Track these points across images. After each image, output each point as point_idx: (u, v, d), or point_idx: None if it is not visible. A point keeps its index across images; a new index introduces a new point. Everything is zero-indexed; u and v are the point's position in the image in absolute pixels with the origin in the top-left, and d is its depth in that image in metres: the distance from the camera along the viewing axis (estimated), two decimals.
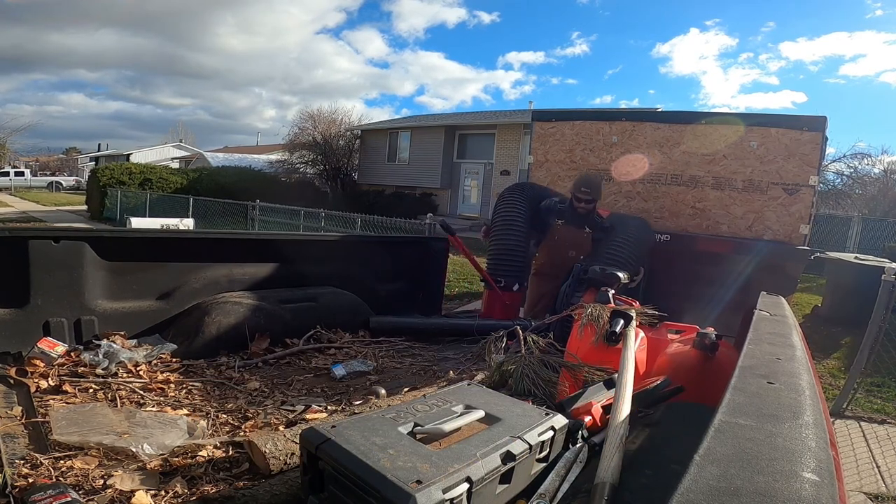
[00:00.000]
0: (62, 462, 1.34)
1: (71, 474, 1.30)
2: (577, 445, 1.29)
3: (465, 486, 0.98)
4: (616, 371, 1.53)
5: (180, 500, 1.25)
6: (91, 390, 1.86)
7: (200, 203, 13.96)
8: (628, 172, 4.25)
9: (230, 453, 1.47)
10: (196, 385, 2.04)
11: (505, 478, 1.09)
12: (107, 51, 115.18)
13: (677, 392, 1.58)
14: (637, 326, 1.89)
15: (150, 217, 12.53)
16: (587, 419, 1.39)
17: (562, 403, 1.43)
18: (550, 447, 1.23)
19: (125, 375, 2.01)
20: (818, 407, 0.87)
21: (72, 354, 2.08)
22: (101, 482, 1.27)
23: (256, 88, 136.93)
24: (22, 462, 1.33)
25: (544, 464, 1.22)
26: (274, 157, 23.34)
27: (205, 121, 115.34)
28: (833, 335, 5.97)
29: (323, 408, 1.87)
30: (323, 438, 1.08)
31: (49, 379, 1.88)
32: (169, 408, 1.79)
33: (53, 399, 1.76)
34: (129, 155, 31.69)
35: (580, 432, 1.32)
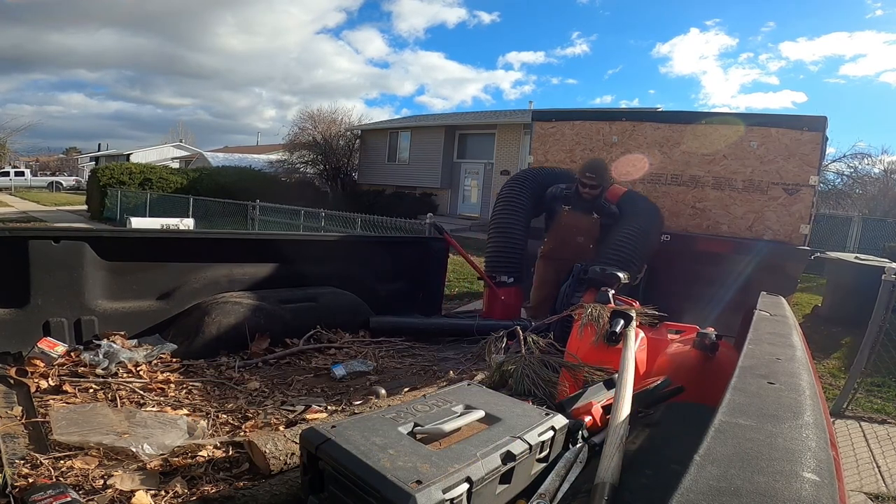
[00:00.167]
0: (62, 462, 1.34)
1: (71, 474, 1.30)
2: (578, 445, 1.29)
3: (466, 486, 0.98)
4: (616, 371, 1.53)
5: (180, 500, 1.25)
6: (91, 390, 1.86)
7: (200, 203, 13.95)
8: (628, 172, 4.25)
9: (230, 453, 1.47)
10: (196, 385, 2.04)
11: (505, 478, 1.09)
12: (107, 51, 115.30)
13: (677, 392, 1.58)
14: (637, 326, 1.89)
15: (150, 217, 12.52)
16: (587, 419, 1.39)
17: (562, 403, 1.43)
18: (550, 447, 1.23)
19: (125, 375, 2.01)
20: (818, 407, 0.86)
21: (72, 354, 2.09)
22: (101, 482, 1.27)
23: (256, 88, 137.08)
24: (22, 462, 1.34)
25: (544, 464, 1.22)
26: (274, 157, 23.32)
27: (205, 121, 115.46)
28: (833, 335, 5.96)
29: (323, 408, 1.87)
30: (323, 438, 1.08)
31: (49, 379, 1.88)
32: (169, 408, 1.79)
33: (53, 399, 1.76)
34: (129, 155, 31.68)
35: (580, 432, 1.32)
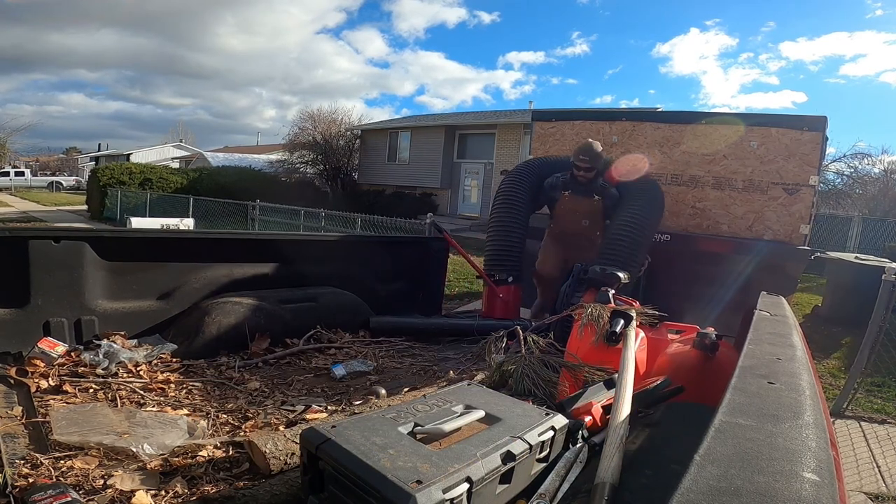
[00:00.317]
0: (62, 462, 1.34)
1: (71, 474, 1.30)
2: (578, 445, 1.29)
3: (466, 486, 0.98)
4: (616, 371, 1.53)
5: (180, 500, 1.25)
6: (91, 390, 1.86)
7: (200, 203, 13.95)
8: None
9: (230, 453, 1.47)
10: (196, 385, 2.04)
11: (505, 478, 1.09)
12: (107, 51, 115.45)
13: (677, 392, 1.58)
14: (637, 326, 1.89)
15: (151, 217, 12.52)
16: (587, 419, 1.39)
17: (562, 403, 1.43)
18: (550, 447, 1.23)
19: (125, 375, 2.01)
20: (818, 407, 0.86)
21: (72, 354, 2.08)
22: (102, 482, 1.27)
23: (256, 88, 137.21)
24: (22, 462, 1.34)
25: (544, 464, 1.22)
26: (274, 157, 23.32)
27: (205, 121, 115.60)
28: (833, 335, 5.96)
29: (323, 408, 1.87)
30: (323, 438, 1.07)
31: (49, 379, 1.88)
32: (169, 408, 1.79)
33: (54, 399, 1.76)
34: (129, 155, 31.67)
35: (580, 432, 1.32)
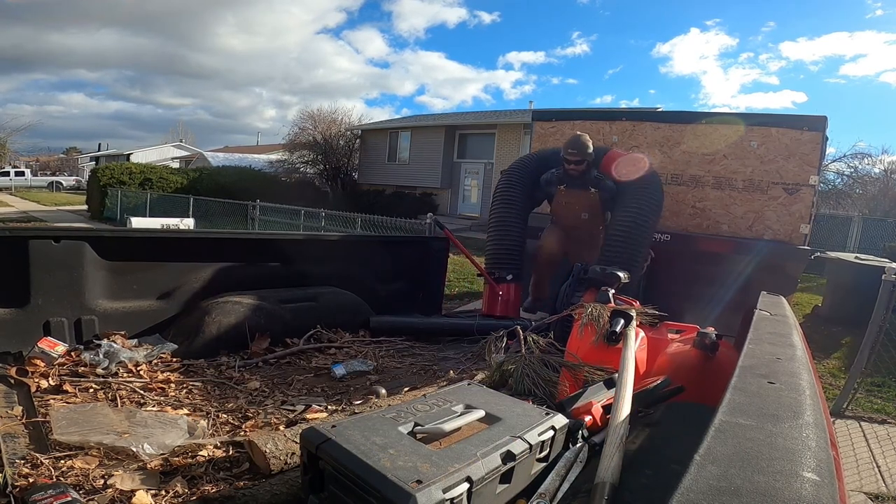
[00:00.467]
0: (62, 462, 1.34)
1: (71, 474, 1.30)
2: (578, 445, 1.29)
3: (466, 486, 0.98)
4: (616, 371, 1.53)
5: (180, 500, 1.25)
6: (91, 390, 1.86)
7: (201, 203, 13.95)
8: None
9: (230, 453, 1.47)
10: (196, 385, 2.04)
11: (505, 477, 1.09)
12: (107, 51, 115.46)
13: (677, 392, 1.58)
14: (637, 326, 1.89)
15: (151, 217, 12.52)
16: (587, 419, 1.38)
17: (562, 403, 1.43)
18: (550, 447, 1.23)
19: (125, 375, 2.01)
20: (818, 407, 0.86)
21: (72, 354, 2.08)
22: (102, 482, 1.27)
23: (257, 88, 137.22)
24: (22, 462, 1.33)
25: (544, 463, 1.22)
26: (274, 157, 23.31)
27: (205, 120, 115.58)
28: (833, 335, 5.96)
29: (323, 407, 1.87)
30: (323, 438, 1.08)
31: (49, 379, 1.88)
32: (169, 407, 1.79)
33: (54, 399, 1.76)
34: (130, 155, 31.67)
35: (580, 432, 1.32)
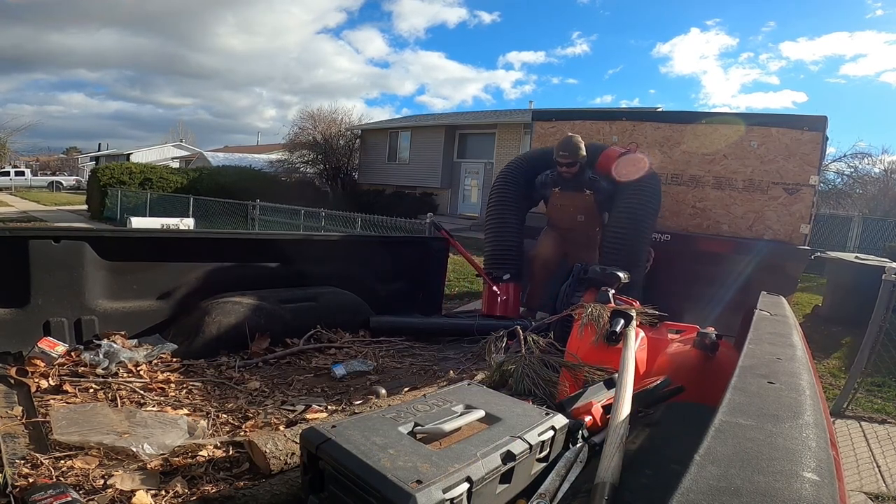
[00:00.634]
0: (62, 462, 1.34)
1: (71, 474, 1.30)
2: (578, 445, 1.29)
3: (466, 486, 0.98)
4: (616, 371, 1.53)
5: (180, 500, 1.25)
6: (91, 390, 1.86)
7: (201, 203, 13.95)
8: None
9: (230, 453, 1.47)
10: (196, 385, 2.04)
11: (505, 478, 1.09)
12: (107, 51, 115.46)
13: (677, 392, 1.58)
14: (637, 326, 1.89)
15: (151, 217, 12.52)
16: (587, 419, 1.38)
17: (562, 403, 1.43)
18: (551, 447, 1.23)
19: (125, 375, 2.01)
20: (818, 407, 0.86)
21: (72, 354, 2.08)
22: (102, 482, 1.27)
23: (257, 88, 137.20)
24: (22, 462, 1.33)
25: (544, 464, 1.22)
26: (274, 157, 23.30)
27: (205, 120, 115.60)
28: (833, 335, 5.96)
29: (323, 408, 1.87)
30: (323, 438, 1.08)
31: (49, 379, 1.88)
32: (169, 408, 1.79)
33: (54, 399, 1.76)
34: (130, 154, 31.70)
35: (580, 432, 1.32)
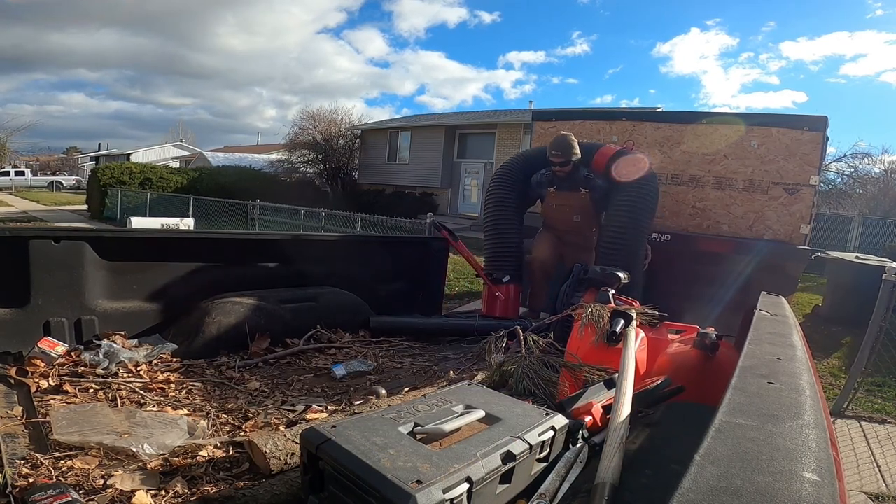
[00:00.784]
0: (62, 462, 1.34)
1: (71, 474, 1.29)
2: (578, 445, 1.29)
3: (466, 486, 0.98)
4: (616, 371, 1.53)
5: (180, 500, 1.25)
6: (91, 390, 1.86)
7: (201, 203, 13.95)
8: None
9: (230, 453, 1.47)
10: (196, 385, 2.04)
11: (505, 478, 1.09)
12: (107, 51, 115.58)
13: (677, 392, 1.58)
14: (637, 326, 1.89)
15: (151, 216, 12.54)
16: (587, 419, 1.38)
17: (562, 403, 1.43)
18: (551, 447, 1.23)
19: (125, 375, 2.01)
20: (818, 407, 0.86)
21: (72, 354, 2.08)
22: (102, 482, 1.27)
23: (257, 88, 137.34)
24: (22, 462, 1.33)
25: (544, 464, 1.22)
26: (274, 157, 23.31)
27: (205, 120, 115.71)
28: (833, 335, 5.96)
29: (323, 408, 1.87)
30: (323, 438, 1.07)
31: (49, 379, 1.88)
32: (169, 408, 1.79)
33: (54, 399, 1.76)
34: (130, 154, 31.75)
35: (580, 432, 1.32)
